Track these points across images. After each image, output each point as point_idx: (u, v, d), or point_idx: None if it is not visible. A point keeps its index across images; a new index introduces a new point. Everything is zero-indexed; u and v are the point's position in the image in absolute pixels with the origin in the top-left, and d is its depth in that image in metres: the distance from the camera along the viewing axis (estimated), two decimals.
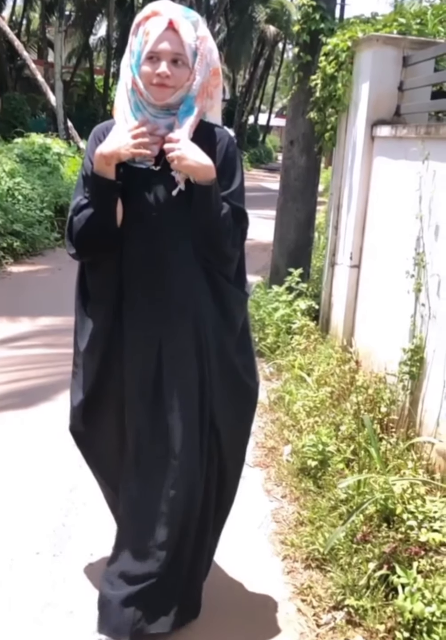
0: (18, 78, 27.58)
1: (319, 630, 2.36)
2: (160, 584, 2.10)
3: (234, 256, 2.15)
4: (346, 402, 3.67)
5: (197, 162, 1.97)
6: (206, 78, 2.05)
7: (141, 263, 2.08)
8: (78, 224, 2.08)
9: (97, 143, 2.07)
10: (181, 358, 2.11)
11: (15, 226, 8.36)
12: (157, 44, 1.97)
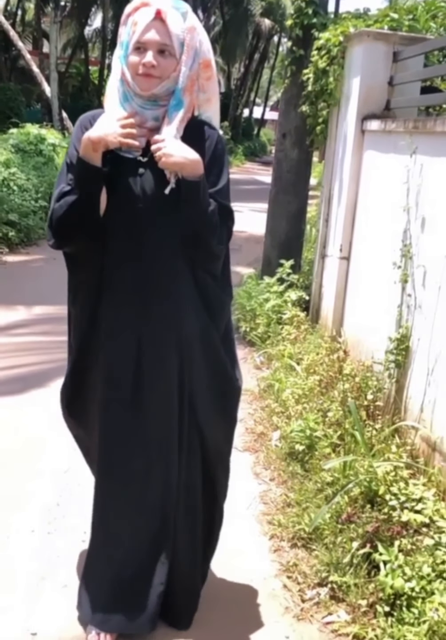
0: (13, 68, 27.51)
1: (304, 605, 2.46)
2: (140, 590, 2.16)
3: (220, 254, 2.13)
4: (334, 390, 3.76)
5: (184, 157, 1.95)
6: (195, 70, 2.04)
7: (124, 254, 2.06)
8: (59, 210, 2.03)
9: (82, 131, 2.04)
10: (161, 348, 2.10)
11: (10, 216, 8.41)
12: (143, 34, 1.96)
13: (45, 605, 2.37)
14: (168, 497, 2.16)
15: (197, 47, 2.03)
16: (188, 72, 2.01)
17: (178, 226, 2.03)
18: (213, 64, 2.13)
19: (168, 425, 2.14)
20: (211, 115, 2.18)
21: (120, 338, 2.11)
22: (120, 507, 2.17)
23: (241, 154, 29.60)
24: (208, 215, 2.02)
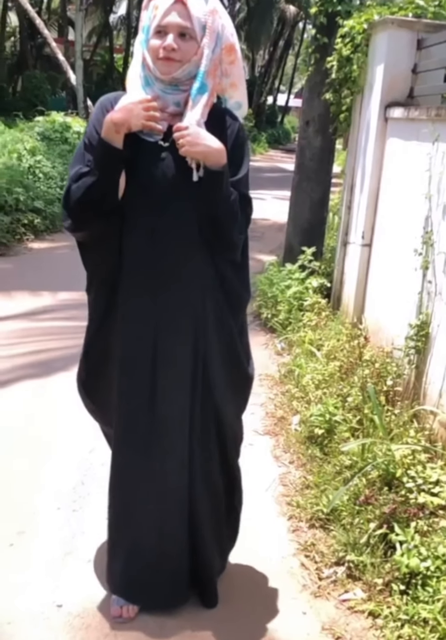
0: (38, 56, 27.72)
1: (321, 583, 2.52)
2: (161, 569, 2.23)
3: (239, 243, 2.12)
4: (354, 375, 3.80)
5: (208, 146, 1.94)
6: (217, 54, 2.01)
7: (142, 239, 2.04)
8: (77, 191, 2.00)
9: (103, 113, 2.02)
10: (177, 335, 2.10)
11: (36, 203, 8.52)
12: (164, 17, 1.94)
13: (70, 579, 2.46)
14: (185, 476, 2.18)
15: (220, 31, 2.00)
16: (212, 55, 1.99)
17: (198, 213, 2.02)
18: (238, 48, 2.10)
19: (184, 410, 2.15)
20: (240, 101, 2.17)
21: (137, 325, 2.10)
22: (137, 487, 2.20)
23: (264, 142, 29.52)
24: (230, 204, 2.01)
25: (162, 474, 2.16)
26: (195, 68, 1.99)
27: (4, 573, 2.45)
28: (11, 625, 2.22)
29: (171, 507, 2.20)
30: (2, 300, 5.72)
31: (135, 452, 2.17)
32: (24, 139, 10.09)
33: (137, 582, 2.27)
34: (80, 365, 2.34)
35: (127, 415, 2.17)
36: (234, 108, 2.16)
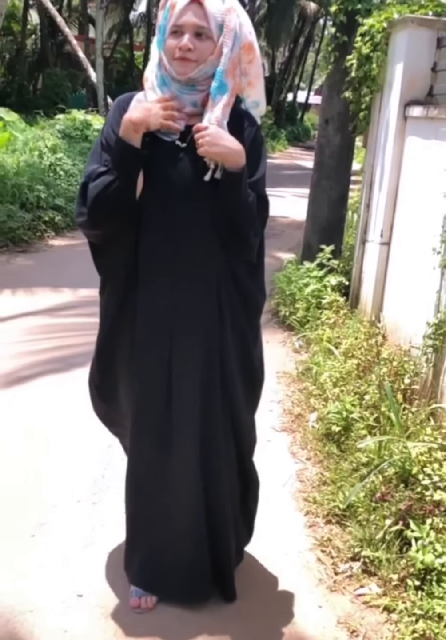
0: (59, 54, 27.86)
1: (337, 578, 2.55)
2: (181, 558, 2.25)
3: (254, 244, 2.12)
4: (372, 373, 3.82)
5: (227, 148, 1.94)
6: (236, 52, 1.99)
7: (158, 240, 2.04)
8: (94, 189, 2.00)
9: (120, 113, 2.02)
10: (193, 339, 2.11)
11: (56, 201, 8.61)
12: (180, 17, 1.93)
13: (89, 569, 2.51)
14: (199, 474, 2.19)
15: (237, 29, 1.98)
16: (230, 54, 1.97)
17: (215, 214, 2.01)
18: (256, 47, 2.08)
19: (200, 409, 2.15)
20: (257, 99, 2.15)
21: (153, 326, 2.10)
22: (154, 483, 2.22)
23: (284, 139, 29.44)
24: (247, 206, 2.01)
25: (178, 470, 2.18)
26: (211, 68, 1.98)
27: (26, 563, 2.51)
28: (33, 613, 2.28)
29: (186, 503, 2.21)
30: (24, 297, 5.81)
31: (151, 448, 2.19)
32: (45, 136, 10.20)
33: (155, 574, 2.31)
34: (93, 369, 2.35)
35: (143, 414, 2.17)
36: (252, 107, 2.16)
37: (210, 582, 2.31)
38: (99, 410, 2.44)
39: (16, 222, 7.65)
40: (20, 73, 25.97)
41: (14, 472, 3.11)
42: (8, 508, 2.84)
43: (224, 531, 2.28)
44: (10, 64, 27.58)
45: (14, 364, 4.32)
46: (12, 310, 5.40)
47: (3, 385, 4.03)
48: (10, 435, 3.46)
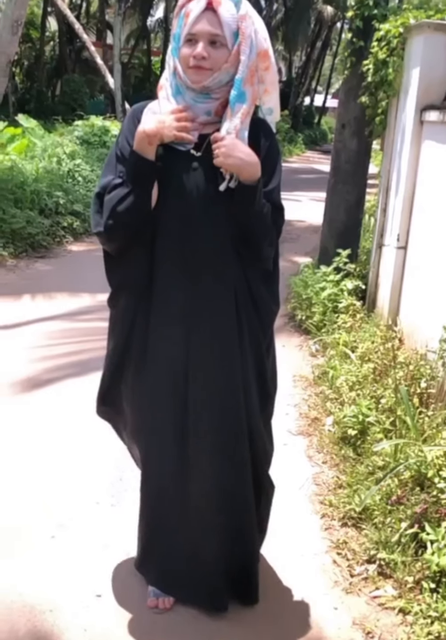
0: (77, 60, 28.11)
1: (352, 580, 2.57)
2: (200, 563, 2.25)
3: (270, 254, 2.13)
4: (388, 377, 3.83)
5: (243, 160, 1.93)
6: (253, 60, 1.98)
7: (173, 249, 2.04)
8: (110, 202, 2.01)
9: (134, 123, 2.03)
10: (210, 345, 2.09)
11: (75, 206, 8.71)
12: (194, 25, 1.92)
13: (108, 570, 2.55)
14: (213, 482, 2.18)
15: (253, 36, 1.97)
16: (248, 62, 1.96)
17: (230, 223, 2.02)
18: (271, 53, 2.07)
19: (218, 418, 2.14)
20: (272, 107, 2.16)
21: (170, 336, 2.09)
22: (168, 491, 2.21)
23: (301, 143, 29.46)
24: (262, 218, 2.02)
25: (196, 478, 2.18)
26: (226, 76, 1.97)
27: (46, 563, 2.56)
28: (53, 612, 2.32)
29: (205, 510, 2.21)
30: (44, 301, 5.89)
31: (168, 455, 2.18)
32: (63, 143, 10.31)
33: (173, 577, 2.32)
34: (103, 383, 2.32)
35: (159, 419, 2.16)
36: (266, 113, 2.17)
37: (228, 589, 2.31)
38: (105, 414, 2.45)
39: (35, 228, 7.75)
40: (38, 80, 26.27)
41: (33, 474, 3.16)
42: (28, 510, 2.89)
43: (245, 537, 2.28)
44: (29, 71, 27.90)
45: (35, 368, 4.39)
46: (32, 314, 5.48)
47: (24, 388, 4.09)
48: (30, 438, 3.51)
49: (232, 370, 2.12)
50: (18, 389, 4.08)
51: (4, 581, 2.45)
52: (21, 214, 7.75)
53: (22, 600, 2.37)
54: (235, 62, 1.96)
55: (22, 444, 3.45)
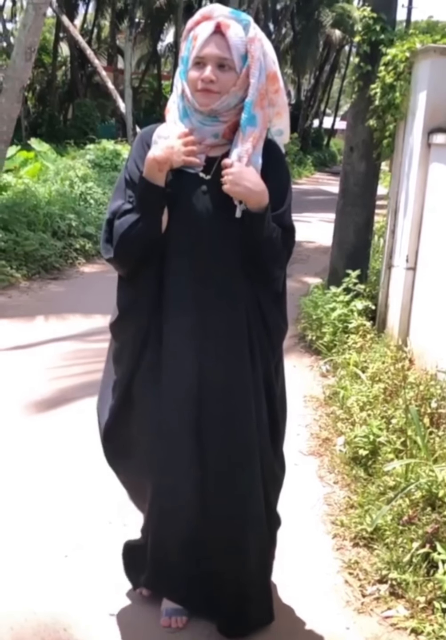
0: (88, 85, 28.50)
1: (364, 600, 2.58)
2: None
3: (280, 276, 2.15)
4: (399, 397, 3.85)
5: (250, 189, 1.94)
6: (262, 83, 1.98)
7: (184, 269, 2.03)
8: (120, 228, 2.02)
9: (144, 148, 2.04)
10: (223, 372, 2.08)
11: (87, 229, 8.83)
12: (202, 49, 1.93)
13: (122, 589, 2.56)
14: (237, 496, 2.16)
15: (262, 59, 1.97)
16: (257, 85, 1.96)
17: (240, 246, 2.03)
18: (280, 76, 2.08)
19: (228, 442, 2.13)
20: (282, 129, 2.17)
21: (181, 355, 2.07)
22: (186, 515, 2.18)
23: (310, 165, 29.63)
24: (271, 243, 2.03)
25: (208, 499, 2.17)
26: (234, 99, 1.97)
27: (60, 582, 2.58)
28: (67, 631, 2.34)
29: (217, 530, 2.19)
30: (57, 322, 5.96)
31: (181, 480, 2.15)
32: (75, 166, 10.45)
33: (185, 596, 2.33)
34: (109, 418, 2.26)
35: (171, 444, 2.12)
36: (276, 134, 2.17)
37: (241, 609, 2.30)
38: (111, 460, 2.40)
39: (48, 250, 7.86)
40: (50, 104, 26.64)
41: (47, 494, 3.20)
42: (42, 529, 2.92)
43: (258, 555, 2.27)
44: (41, 95, 28.31)
45: (49, 388, 4.44)
46: (46, 335, 5.54)
47: (39, 409, 4.14)
48: (43, 458, 3.55)
49: (244, 390, 2.11)
50: (32, 410, 4.13)
51: (18, 600, 2.47)
52: (34, 236, 7.86)
53: (36, 619, 2.39)
54: (243, 85, 1.97)
55: (35, 464, 3.49)
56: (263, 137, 2.02)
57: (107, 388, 2.28)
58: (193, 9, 27.31)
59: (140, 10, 26.34)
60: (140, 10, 26.34)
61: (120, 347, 2.19)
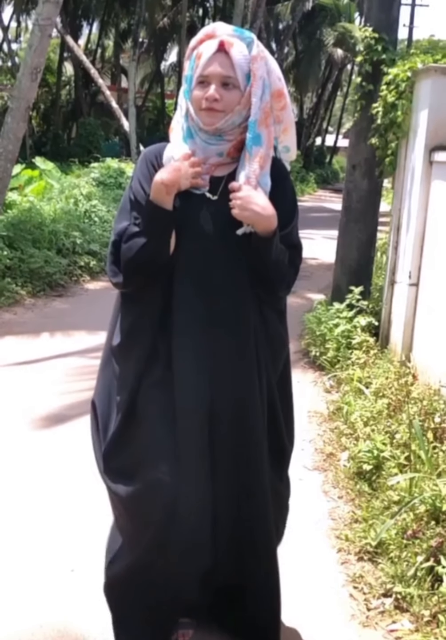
0: (92, 104, 28.76)
1: (369, 613, 2.59)
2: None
3: (286, 294, 2.15)
4: (402, 413, 3.87)
5: (258, 213, 1.91)
6: (266, 101, 1.96)
7: (192, 291, 2.00)
8: (128, 252, 1.98)
9: (148, 167, 2.03)
10: (233, 389, 2.05)
11: (91, 246, 8.90)
12: (206, 67, 1.91)
13: None
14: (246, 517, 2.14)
15: (265, 77, 1.95)
16: (260, 104, 1.94)
17: (248, 265, 2.01)
18: (286, 92, 2.06)
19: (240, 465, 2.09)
20: (288, 145, 2.15)
21: (190, 375, 2.02)
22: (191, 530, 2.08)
23: (313, 182, 29.80)
24: (278, 265, 2.02)
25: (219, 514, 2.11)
26: (239, 118, 1.95)
27: (66, 596, 2.60)
28: None
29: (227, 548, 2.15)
30: (62, 338, 6.01)
31: (193, 496, 2.05)
32: (80, 184, 10.54)
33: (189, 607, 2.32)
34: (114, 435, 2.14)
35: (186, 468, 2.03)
36: (282, 151, 2.16)
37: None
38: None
39: (53, 267, 7.91)
40: (55, 123, 26.89)
41: (52, 509, 3.22)
42: (48, 543, 2.94)
43: (267, 566, 2.24)
44: (45, 114, 28.58)
45: (55, 403, 4.48)
46: (51, 352, 5.59)
47: (45, 424, 4.18)
48: (49, 472, 3.57)
49: (255, 409, 2.08)
50: (38, 425, 4.16)
51: (25, 614, 2.49)
52: (39, 253, 7.92)
53: (42, 633, 2.41)
54: (248, 103, 1.94)
55: (40, 479, 3.51)
56: (270, 156, 2.00)
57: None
58: (196, 29, 27.62)
59: (143, 30, 26.65)
60: (143, 30, 26.65)
61: (123, 367, 2.12)
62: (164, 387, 2.03)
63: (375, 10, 5.76)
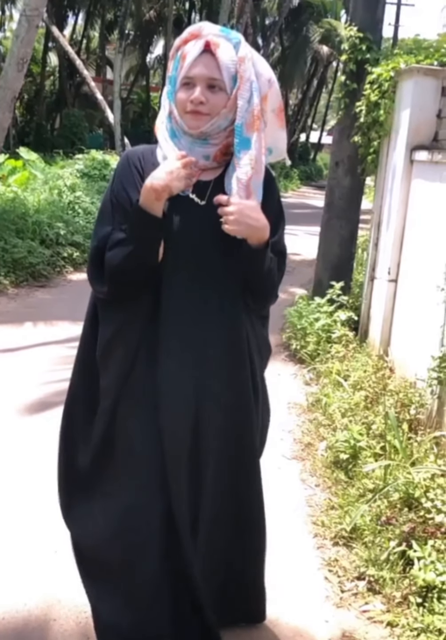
0: (77, 95, 28.62)
1: (343, 595, 2.69)
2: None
3: (274, 301, 2.12)
4: (379, 405, 3.98)
5: (252, 226, 1.84)
6: (255, 104, 1.85)
7: (183, 293, 1.92)
8: (113, 259, 1.87)
9: (131, 170, 1.93)
10: (220, 396, 1.99)
11: (75, 237, 8.91)
12: (191, 69, 1.82)
13: None
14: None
15: (253, 79, 1.85)
16: (248, 107, 1.83)
17: (236, 269, 1.94)
18: (277, 92, 1.96)
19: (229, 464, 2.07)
20: (271, 147, 2.04)
21: (178, 385, 1.95)
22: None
23: (297, 179, 29.89)
24: (269, 274, 1.97)
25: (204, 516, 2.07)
26: (225, 121, 1.86)
27: (50, 577, 2.67)
28: (56, 621, 2.43)
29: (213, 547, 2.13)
30: (45, 328, 6.05)
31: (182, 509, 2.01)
32: (64, 175, 10.54)
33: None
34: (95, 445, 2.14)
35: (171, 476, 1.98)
36: (266, 154, 2.01)
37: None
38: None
39: (36, 258, 7.92)
40: (38, 113, 26.73)
41: (37, 493, 3.27)
42: (33, 526, 3.00)
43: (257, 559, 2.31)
44: (29, 104, 28.41)
45: (39, 391, 4.52)
46: (34, 340, 5.63)
47: (29, 411, 4.23)
48: (34, 458, 3.62)
49: (247, 406, 2.06)
50: (22, 412, 4.21)
51: (9, 593, 2.56)
52: (23, 244, 7.93)
53: (27, 610, 2.48)
54: (234, 107, 1.85)
55: (25, 464, 3.56)
56: (263, 162, 1.90)
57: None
58: (183, 22, 27.64)
59: (130, 22, 26.57)
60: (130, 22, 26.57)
61: (105, 378, 2.08)
62: (150, 390, 1.97)
63: (360, 10, 5.86)
